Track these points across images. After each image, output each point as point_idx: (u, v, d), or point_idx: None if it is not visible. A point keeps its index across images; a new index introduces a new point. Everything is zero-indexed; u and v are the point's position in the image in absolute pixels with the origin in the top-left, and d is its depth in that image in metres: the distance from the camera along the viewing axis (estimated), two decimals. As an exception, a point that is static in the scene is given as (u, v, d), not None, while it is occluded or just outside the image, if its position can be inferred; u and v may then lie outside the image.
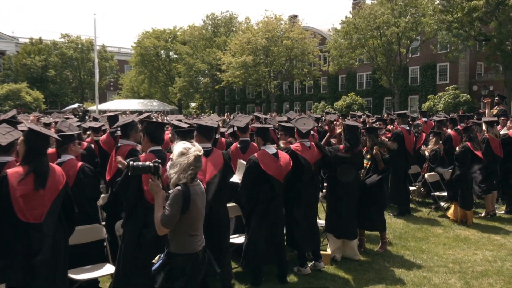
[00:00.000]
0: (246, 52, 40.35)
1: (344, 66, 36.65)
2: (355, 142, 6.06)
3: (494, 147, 8.57)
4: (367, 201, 6.43)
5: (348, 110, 33.70)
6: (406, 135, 8.86)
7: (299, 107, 49.40)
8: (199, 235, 3.30)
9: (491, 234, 7.44)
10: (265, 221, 5.13)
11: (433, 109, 31.64)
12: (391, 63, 34.26)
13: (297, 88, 50.18)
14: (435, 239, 7.18)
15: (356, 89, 42.77)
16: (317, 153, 5.74)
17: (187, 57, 49.47)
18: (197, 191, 3.25)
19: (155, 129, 4.38)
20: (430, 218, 8.57)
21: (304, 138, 5.71)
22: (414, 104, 39.45)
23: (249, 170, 5.08)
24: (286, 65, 42.06)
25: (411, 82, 39.77)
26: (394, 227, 7.82)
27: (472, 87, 35.54)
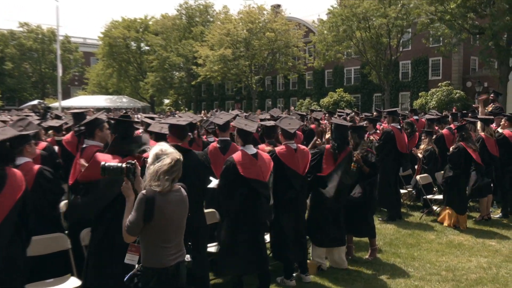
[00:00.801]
0: (225, 44, 40.30)
1: (330, 60, 36.95)
2: (342, 142, 6.07)
3: (490, 147, 8.76)
4: (355, 206, 6.48)
5: (335, 107, 33.98)
6: (398, 134, 8.96)
7: (282, 104, 49.54)
8: (171, 248, 3.23)
9: (485, 240, 7.62)
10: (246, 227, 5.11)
11: (426, 106, 32.17)
12: (381, 57, 34.70)
13: (281, 84, 50.35)
14: (428, 246, 7.31)
15: (343, 85, 43.16)
16: (305, 156, 5.73)
17: (160, 49, 49.13)
18: (170, 199, 3.19)
19: (125, 128, 4.34)
20: (422, 223, 8.72)
21: (290, 140, 5.68)
22: (405, 101, 40.06)
23: (226, 173, 5.06)
24: (269, 58, 42.20)
25: (402, 77, 40.38)
26: (384, 233, 7.93)
27: (466, 83, 36.30)
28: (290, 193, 5.51)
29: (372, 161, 6.56)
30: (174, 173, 3.20)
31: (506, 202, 9.19)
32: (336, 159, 5.98)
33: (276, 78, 49.73)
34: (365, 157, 6.54)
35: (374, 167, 6.60)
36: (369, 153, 6.63)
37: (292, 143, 5.68)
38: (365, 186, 6.53)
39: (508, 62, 27.67)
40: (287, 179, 5.52)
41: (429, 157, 9.44)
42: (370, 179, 6.56)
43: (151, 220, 3.12)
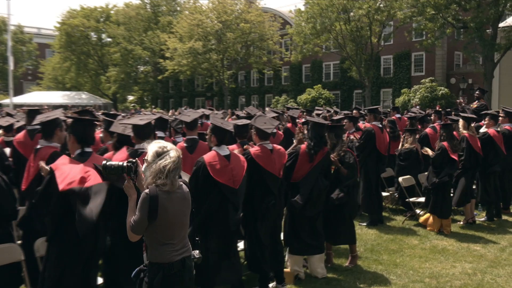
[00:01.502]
0: (196, 36, 40.12)
1: (308, 54, 37.24)
2: (319, 142, 6.07)
3: (476, 146, 8.96)
4: (333, 211, 6.53)
5: (314, 104, 34.26)
6: (378, 134, 9.09)
7: (257, 101, 49.64)
8: (175, 244, 3.45)
9: (470, 244, 7.82)
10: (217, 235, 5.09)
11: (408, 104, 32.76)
12: (361, 52, 35.15)
13: (255, 80, 50.44)
14: (410, 251, 7.45)
15: (322, 81, 43.57)
16: (281, 157, 5.73)
17: (123, 41, 48.53)
18: (174, 197, 3.39)
19: (83, 128, 4.28)
20: (404, 228, 8.88)
21: (265, 140, 5.67)
22: (387, 98, 40.74)
23: (196, 175, 5.04)
24: (242, 52, 42.24)
25: (384, 73, 41.04)
26: (365, 239, 8.04)
27: (450, 80, 37.16)
28: (268, 199, 5.50)
29: (350, 162, 6.58)
30: (178, 170, 3.41)
31: (491, 205, 9.44)
32: (312, 160, 6.01)
33: (250, 73, 49.80)
34: (342, 157, 6.57)
35: (353, 169, 6.64)
36: (347, 153, 6.66)
37: (267, 144, 5.67)
38: (344, 189, 6.56)
39: (493, 57, 28.45)
40: (263, 183, 5.52)
41: (406, 155, 9.61)
42: (348, 182, 6.60)
43: (156, 219, 3.32)
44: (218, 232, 5.06)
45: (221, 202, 5.06)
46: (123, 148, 4.89)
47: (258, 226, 5.52)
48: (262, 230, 5.52)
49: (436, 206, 8.48)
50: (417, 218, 9.22)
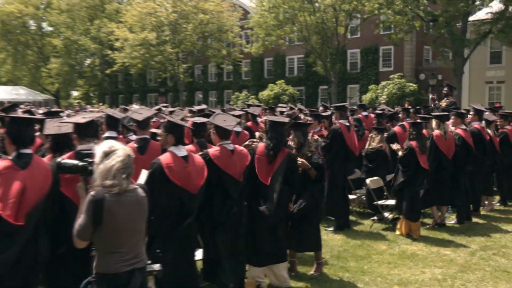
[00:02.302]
0: (148, 26, 39.63)
1: (270, 47, 37.44)
2: (279, 142, 6.04)
3: (442, 147, 9.21)
4: (297, 216, 6.58)
5: (276, 101, 34.46)
6: (345, 133, 9.22)
7: (215, 97, 49.53)
8: (124, 253, 3.39)
9: (440, 248, 8.06)
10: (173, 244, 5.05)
11: (376, 101, 33.43)
12: (327, 45, 35.62)
13: (213, 74, 50.31)
14: (379, 257, 7.61)
15: (285, 76, 43.89)
16: (243, 158, 5.70)
17: (66, 31, 47.38)
18: (123, 200, 3.35)
19: (18, 127, 4.15)
20: (372, 232, 9.06)
21: (226, 140, 5.64)
22: (354, 94, 41.45)
23: (152, 178, 4.97)
24: (199, 44, 42.04)
25: (351, 68, 41.73)
26: (331, 245, 8.15)
27: (419, 76, 38.17)
28: (229, 205, 5.47)
29: (319, 163, 6.63)
30: (128, 170, 3.38)
31: (462, 207, 9.75)
32: (270, 162, 5.99)
33: (207, 67, 49.64)
34: (310, 158, 6.59)
35: (322, 170, 6.69)
36: (314, 154, 6.70)
37: (228, 144, 5.63)
38: (314, 193, 6.62)
39: (463, 52, 29.41)
40: (223, 187, 5.48)
41: (373, 155, 9.79)
42: (318, 186, 6.65)
43: (101, 223, 3.29)
44: (174, 240, 5.01)
45: (177, 207, 5.01)
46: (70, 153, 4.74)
47: (217, 234, 5.48)
48: (221, 239, 5.48)
49: (404, 208, 8.69)
50: (386, 222, 9.43)
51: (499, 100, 34.01)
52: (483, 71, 35.55)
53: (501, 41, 28.47)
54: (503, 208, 11.08)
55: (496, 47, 33.47)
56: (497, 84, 35.74)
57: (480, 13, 31.79)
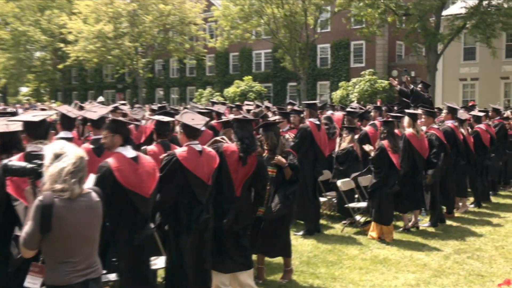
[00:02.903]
0: (104, 18, 39.07)
1: (236, 41, 37.42)
2: (252, 142, 6.06)
3: (416, 146, 9.37)
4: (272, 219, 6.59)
5: (243, 99, 34.45)
6: (315, 132, 9.28)
7: (177, 94, 49.23)
8: (76, 263, 3.33)
9: (413, 252, 8.20)
10: (130, 252, 5.00)
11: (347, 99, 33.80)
12: (296, 39, 35.82)
13: (175, 70, 50.01)
14: (350, 263, 7.69)
15: (252, 72, 43.96)
16: (211, 160, 5.65)
17: (14, 21, 46.26)
18: (75, 206, 3.29)
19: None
20: (344, 236, 9.16)
21: (193, 140, 5.59)
22: (324, 92, 41.85)
23: (101, 182, 4.88)
24: (160, 37, 41.69)
25: (321, 64, 42.12)
26: (300, 250, 8.20)
27: (391, 72, 38.81)
28: (196, 210, 5.42)
29: (295, 163, 6.67)
30: (80, 173, 3.32)
31: (436, 210, 9.94)
32: (244, 164, 5.97)
33: (169, 62, 49.29)
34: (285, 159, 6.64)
35: (298, 171, 6.73)
36: (289, 154, 6.75)
37: (196, 144, 5.59)
38: (289, 194, 6.66)
39: (436, 48, 30.05)
40: (190, 191, 5.43)
41: (343, 157, 9.90)
42: (294, 186, 6.69)
43: (49, 231, 3.23)
44: (128, 247, 4.95)
45: (130, 213, 4.95)
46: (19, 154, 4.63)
47: (182, 241, 5.43)
48: (186, 246, 5.43)
49: (376, 211, 8.81)
50: (357, 226, 9.54)
51: (473, 98, 34.90)
52: (456, 68, 36.43)
53: (475, 36, 29.15)
54: (477, 210, 11.36)
55: (470, 43, 34.36)
56: (471, 82, 36.66)
57: (454, 8, 32.55)
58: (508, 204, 12.09)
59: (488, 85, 35.21)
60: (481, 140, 11.34)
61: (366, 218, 9.64)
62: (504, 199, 12.66)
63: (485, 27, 27.45)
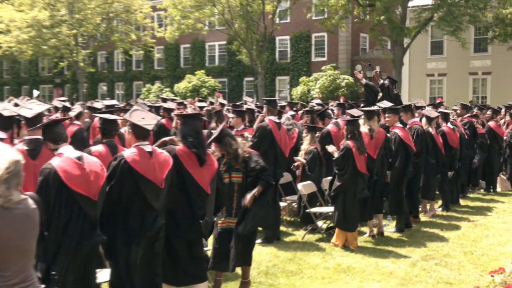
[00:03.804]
0: (39, 4, 38.20)
1: (187, 31, 37.21)
2: (198, 142, 6.00)
3: (368, 148, 9.42)
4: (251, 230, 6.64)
5: (195, 94, 34.32)
6: (275, 131, 9.32)
7: (122, 90, 48.60)
8: (9, 276, 3.24)
9: (379, 260, 8.35)
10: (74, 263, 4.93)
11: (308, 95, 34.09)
12: (253, 30, 35.89)
13: (120, 63, 49.38)
14: (312, 272, 7.76)
15: (205, 66, 43.89)
16: (164, 162, 5.59)
17: None
18: (7, 215, 3.20)
19: None
20: (305, 243, 9.23)
21: (143, 140, 5.53)
22: (284, 87, 42.13)
23: (44, 185, 4.81)
24: (103, 27, 41.06)
25: (280, 57, 42.38)
26: (258, 260, 8.22)
27: (355, 66, 39.39)
28: (150, 217, 5.36)
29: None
30: (15, 179, 3.24)
31: (401, 214, 10.15)
32: (202, 164, 5.93)
33: (113, 54, 48.61)
34: (247, 163, 6.69)
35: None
36: (252, 156, 6.80)
37: (146, 145, 5.54)
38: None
39: (402, 42, 30.67)
40: (141, 196, 5.38)
41: (312, 161, 9.96)
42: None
43: None
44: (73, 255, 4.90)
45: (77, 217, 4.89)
46: None
47: (132, 252, 5.36)
48: (136, 257, 5.37)
49: (339, 217, 8.92)
50: (320, 232, 9.64)
51: (441, 95, 35.81)
52: (423, 63, 37.30)
53: (443, 29, 29.86)
54: (445, 213, 11.65)
55: (438, 36, 35.21)
56: (438, 77, 37.61)
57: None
58: (478, 207, 12.45)
59: (456, 81, 36.18)
60: (447, 140, 11.58)
61: (329, 224, 9.74)
62: (473, 201, 13.03)
63: (452, 19, 28.12)
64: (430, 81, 37.89)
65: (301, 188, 9.57)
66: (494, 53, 34.41)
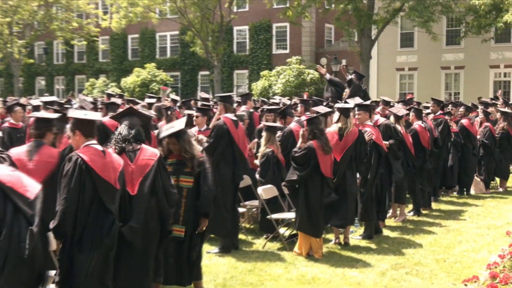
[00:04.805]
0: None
1: (136, 20, 36.85)
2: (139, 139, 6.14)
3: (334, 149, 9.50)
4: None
5: (144, 90, 34.05)
6: (233, 129, 9.30)
7: (63, 85, 47.85)
8: None
9: (346, 269, 8.41)
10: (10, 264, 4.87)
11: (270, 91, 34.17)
12: (208, 20, 35.77)
13: (60, 54, 48.64)
14: (273, 284, 7.77)
15: (156, 58, 43.58)
16: (116, 162, 5.66)
17: None
18: None
19: None
20: (266, 253, 9.24)
21: (92, 139, 5.60)
22: (243, 82, 42.13)
23: None
24: (40, 14, 40.34)
25: (238, 49, 42.37)
26: (215, 272, 8.19)
27: (320, 60, 39.68)
28: (107, 220, 5.39)
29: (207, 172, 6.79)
30: None
31: (371, 221, 10.26)
32: (131, 161, 6.01)
33: (52, 45, 47.85)
34: (203, 171, 6.74)
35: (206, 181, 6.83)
36: (204, 162, 6.85)
37: (95, 144, 5.58)
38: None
39: (370, 33, 31.03)
40: (97, 197, 5.41)
41: (265, 166, 9.96)
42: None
43: None
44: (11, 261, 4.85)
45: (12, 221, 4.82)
46: None
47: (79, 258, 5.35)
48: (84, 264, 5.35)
49: (301, 221, 8.94)
50: (281, 240, 9.66)
51: (411, 90, 36.38)
52: (393, 56, 37.82)
53: (413, 20, 30.29)
54: (416, 218, 11.84)
55: (408, 28, 35.75)
56: (408, 72, 38.19)
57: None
58: (451, 211, 12.66)
59: (428, 75, 36.78)
60: (418, 139, 11.73)
61: (292, 231, 9.77)
62: (446, 205, 13.25)
63: (423, 9, 28.50)
64: (400, 76, 38.45)
65: (261, 192, 9.57)
66: (468, 46, 35.05)
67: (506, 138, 15.06)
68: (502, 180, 15.51)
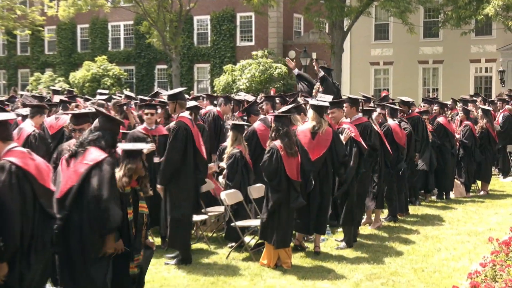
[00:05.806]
0: None
1: (86, 8, 36.52)
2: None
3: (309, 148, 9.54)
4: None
5: (96, 86, 33.76)
6: (192, 129, 9.27)
7: (4, 79, 47.21)
8: None
9: (316, 281, 8.44)
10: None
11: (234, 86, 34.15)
12: (166, 9, 35.61)
13: (1, 46, 48.01)
14: (238, 298, 7.80)
15: (108, 51, 43.27)
16: (45, 164, 5.70)
17: None
18: None
19: None
20: (230, 264, 9.23)
21: (11, 141, 5.62)
22: (204, 77, 42.02)
23: None
24: (-22, 1, 39.71)
25: (198, 41, 42.51)
26: (173, 284, 8.17)
27: (288, 53, 39.77)
28: (48, 224, 5.47)
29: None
30: None
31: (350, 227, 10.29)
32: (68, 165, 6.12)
33: (-8, 35, 47.14)
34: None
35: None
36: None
37: (17, 147, 5.61)
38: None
39: (342, 24, 31.18)
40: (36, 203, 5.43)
41: (232, 168, 9.94)
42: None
43: None
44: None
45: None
46: None
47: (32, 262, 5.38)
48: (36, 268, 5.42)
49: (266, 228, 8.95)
50: (247, 249, 9.65)
51: (387, 86, 36.71)
52: (367, 49, 38.08)
53: (389, 10, 30.48)
54: (392, 224, 11.94)
55: (383, 18, 36.06)
56: (384, 66, 38.50)
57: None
58: (429, 216, 12.77)
59: (404, 70, 37.11)
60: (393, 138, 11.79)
61: (258, 239, 9.77)
62: (424, 210, 13.36)
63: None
64: (375, 71, 38.72)
65: (225, 197, 9.56)
66: (446, 39, 35.43)
67: (487, 137, 15.20)
68: (483, 183, 15.67)
